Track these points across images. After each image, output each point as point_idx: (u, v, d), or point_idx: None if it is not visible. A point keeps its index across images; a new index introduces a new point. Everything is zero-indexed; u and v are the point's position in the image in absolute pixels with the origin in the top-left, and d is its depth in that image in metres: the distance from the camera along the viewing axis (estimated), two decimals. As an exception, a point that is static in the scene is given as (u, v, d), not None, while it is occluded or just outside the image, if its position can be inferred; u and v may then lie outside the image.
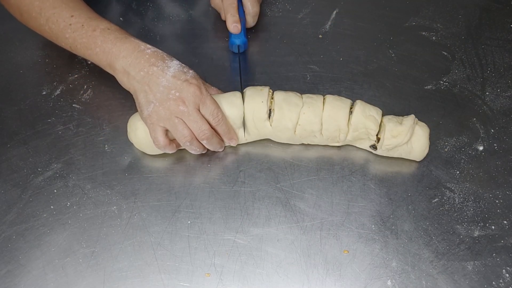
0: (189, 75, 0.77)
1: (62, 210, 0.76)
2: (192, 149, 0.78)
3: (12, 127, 0.84)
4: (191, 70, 0.78)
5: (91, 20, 0.80)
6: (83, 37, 0.79)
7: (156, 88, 0.75)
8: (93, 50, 0.79)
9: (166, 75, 0.75)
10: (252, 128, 0.80)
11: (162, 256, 0.73)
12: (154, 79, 0.75)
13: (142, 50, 0.77)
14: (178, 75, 0.75)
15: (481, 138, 0.86)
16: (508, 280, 0.72)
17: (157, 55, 0.77)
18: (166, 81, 0.75)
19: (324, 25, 1.00)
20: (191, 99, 0.74)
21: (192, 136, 0.76)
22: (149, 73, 0.75)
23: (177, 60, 0.78)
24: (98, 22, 0.80)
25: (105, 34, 0.79)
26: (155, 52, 0.78)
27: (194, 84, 0.75)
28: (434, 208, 0.78)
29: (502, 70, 0.95)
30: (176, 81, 0.75)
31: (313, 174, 0.81)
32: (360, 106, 0.79)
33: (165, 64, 0.76)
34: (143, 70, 0.75)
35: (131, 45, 0.77)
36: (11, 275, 0.71)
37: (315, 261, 0.73)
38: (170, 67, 0.76)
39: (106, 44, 0.78)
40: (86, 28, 0.79)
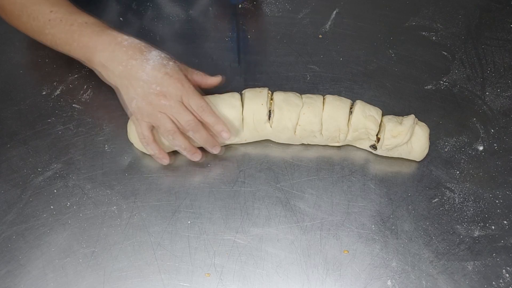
0: (169, 67, 0.75)
1: (62, 210, 0.76)
2: (177, 145, 0.77)
3: (12, 127, 0.84)
4: (171, 61, 0.76)
5: (69, 15, 0.79)
6: (61, 32, 0.78)
7: (136, 83, 0.73)
8: (71, 45, 0.78)
9: (145, 69, 0.73)
10: (252, 130, 0.80)
11: (162, 256, 0.73)
12: (134, 73, 0.73)
13: (119, 43, 0.75)
14: (157, 68, 0.74)
15: (481, 138, 0.86)
16: (508, 280, 0.72)
17: (134, 47, 0.75)
18: (146, 75, 0.73)
19: (324, 25, 1.00)
20: (172, 92, 0.73)
21: (175, 129, 0.75)
22: (127, 67, 0.74)
23: (156, 51, 0.76)
24: (76, 16, 0.79)
25: (82, 28, 0.77)
26: (132, 43, 0.76)
27: (175, 76, 0.74)
28: (434, 208, 0.78)
29: (502, 70, 0.95)
30: (156, 75, 0.73)
31: (313, 174, 0.81)
32: (360, 106, 0.79)
33: (144, 56, 0.74)
34: (122, 64, 0.74)
35: (108, 38, 0.76)
36: (11, 275, 0.71)
37: (315, 261, 0.73)
38: (149, 60, 0.74)
39: (83, 38, 0.77)
40: (64, 23, 0.78)
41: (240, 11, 1.01)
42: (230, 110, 0.78)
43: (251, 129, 0.80)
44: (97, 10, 0.99)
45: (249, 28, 0.98)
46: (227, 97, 0.79)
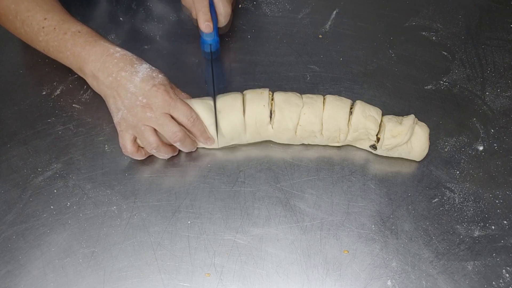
0: (157, 80, 0.75)
1: (62, 210, 0.76)
2: (160, 155, 0.79)
3: (12, 127, 0.84)
4: (160, 74, 0.77)
5: (63, 23, 0.79)
6: (54, 40, 0.79)
7: (124, 94, 0.74)
8: (64, 54, 0.79)
9: (134, 81, 0.74)
10: (254, 132, 0.80)
11: (162, 256, 0.73)
12: (123, 85, 0.74)
13: (111, 54, 0.76)
14: (146, 80, 0.74)
15: (481, 138, 0.86)
16: (508, 280, 0.72)
17: (125, 59, 0.76)
18: (134, 87, 0.74)
19: (324, 25, 1.00)
20: (159, 104, 0.73)
21: (159, 143, 0.76)
22: (117, 79, 0.75)
23: (147, 64, 0.77)
24: (70, 25, 0.79)
25: (75, 37, 0.78)
26: (124, 55, 0.76)
27: (162, 89, 0.74)
28: (434, 208, 0.78)
29: (502, 70, 0.95)
30: (144, 87, 0.74)
31: (313, 174, 0.81)
32: (360, 107, 0.79)
33: (134, 68, 0.75)
34: (112, 75, 0.75)
35: (100, 48, 0.77)
36: (11, 275, 0.71)
37: (315, 261, 0.73)
38: (139, 72, 0.75)
39: (76, 48, 0.78)
40: (58, 31, 0.79)
41: (240, 11, 1.01)
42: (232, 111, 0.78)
43: (253, 131, 0.80)
44: (98, 11, 0.99)
45: (249, 28, 0.98)
46: (229, 99, 0.79)
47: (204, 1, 0.86)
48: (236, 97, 0.79)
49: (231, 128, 0.78)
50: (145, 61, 0.78)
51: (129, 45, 0.94)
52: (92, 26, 0.95)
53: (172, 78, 0.89)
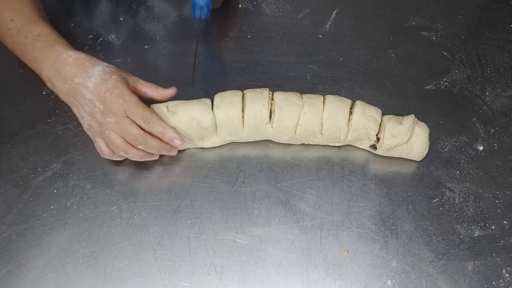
0: (110, 82, 0.73)
1: (62, 210, 0.76)
2: (132, 157, 0.77)
3: (12, 127, 0.84)
4: (114, 75, 0.74)
5: (26, 25, 0.78)
6: (18, 43, 0.78)
7: (83, 101, 0.73)
8: (26, 58, 0.78)
9: (88, 87, 0.73)
10: (253, 131, 0.80)
11: (162, 256, 0.73)
12: (79, 92, 0.73)
13: (64, 60, 0.74)
14: (99, 85, 0.73)
15: (481, 138, 0.86)
16: (508, 280, 0.72)
17: (78, 64, 0.74)
18: (89, 93, 0.73)
19: (324, 25, 1.00)
20: (115, 108, 0.72)
21: (125, 145, 0.74)
22: (72, 86, 0.74)
23: (100, 65, 0.75)
24: (32, 28, 0.78)
25: (34, 41, 0.77)
26: (77, 60, 0.74)
27: (115, 92, 0.72)
28: (434, 208, 0.78)
29: (502, 70, 0.95)
30: (98, 92, 0.72)
31: (313, 174, 0.81)
32: (360, 107, 0.79)
33: (86, 73, 0.73)
34: (67, 82, 0.74)
35: (54, 54, 0.75)
36: (11, 275, 0.71)
37: (315, 261, 0.73)
38: (91, 77, 0.73)
39: (34, 53, 0.76)
40: (20, 34, 0.77)
41: (240, 11, 1.01)
42: (231, 108, 0.78)
43: (252, 130, 0.80)
44: (98, 11, 0.99)
45: (249, 28, 0.98)
46: (229, 94, 0.79)
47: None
48: (235, 94, 0.79)
49: (228, 123, 0.78)
50: (100, 61, 0.76)
51: (129, 45, 0.94)
52: (92, 26, 0.96)
53: (172, 78, 0.90)
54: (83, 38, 0.94)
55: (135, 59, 0.92)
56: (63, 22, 0.96)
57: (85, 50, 0.79)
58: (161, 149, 0.76)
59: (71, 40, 0.80)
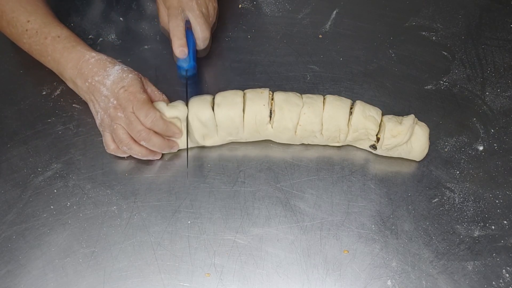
0: (126, 80, 0.77)
1: (62, 210, 0.76)
2: (134, 154, 0.78)
3: (12, 127, 0.84)
4: (130, 74, 0.78)
5: (45, 26, 0.81)
6: (37, 44, 0.81)
7: (99, 97, 0.77)
8: (46, 58, 0.81)
9: (106, 84, 0.77)
10: (253, 131, 0.80)
11: (162, 256, 0.73)
12: (97, 89, 0.77)
13: (87, 60, 0.78)
14: (116, 83, 0.76)
15: (481, 138, 0.86)
16: (508, 280, 0.72)
17: (99, 64, 0.78)
18: (106, 90, 0.76)
19: (324, 25, 1.00)
20: (126, 104, 0.75)
21: (129, 140, 0.76)
22: (92, 84, 0.77)
23: (120, 65, 0.79)
24: (51, 29, 0.81)
25: (55, 43, 0.80)
26: (98, 60, 0.79)
27: (129, 90, 0.76)
28: (434, 208, 0.78)
29: (502, 70, 0.95)
30: (114, 89, 0.76)
31: (313, 174, 0.81)
32: (359, 107, 0.79)
33: (106, 72, 0.77)
34: (88, 81, 0.78)
35: (77, 55, 0.79)
36: (11, 275, 0.71)
37: (315, 261, 0.73)
38: (110, 75, 0.77)
39: (55, 54, 0.80)
40: (39, 36, 0.80)
41: (240, 11, 1.01)
42: (233, 108, 0.78)
43: (252, 130, 0.80)
44: (98, 10, 0.99)
45: (249, 28, 0.98)
46: (230, 94, 0.79)
47: (179, 25, 0.82)
48: (237, 94, 0.80)
49: (229, 123, 0.78)
50: (119, 63, 0.80)
51: (129, 45, 0.94)
52: (92, 26, 0.96)
53: (172, 78, 0.90)
54: (83, 38, 0.93)
55: (135, 59, 0.92)
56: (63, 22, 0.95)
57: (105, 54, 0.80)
58: (162, 146, 0.78)
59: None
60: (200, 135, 0.80)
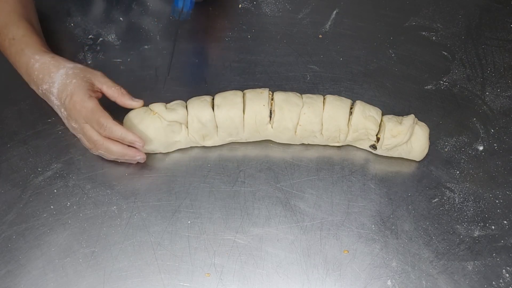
0: (69, 89, 0.72)
1: (62, 210, 0.76)
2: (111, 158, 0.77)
3: (12, 127, 0.84)
4: (74, 79, 0.73)
5: (4, 28, 0.77)
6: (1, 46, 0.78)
7: (54, 106, 0.75)
8: (9, 61, 0.78)
9: (53, 93, 0.73)
10: (253, 131, 0.80)
11: (162, 256, 0.73)
12: (48, 98, 0.75)
13: (32, 66, 0.74)
14: (61, 91, 0.72)
15: (481, 138, 0.86)
16: (508, 280, 0.72)
17: (44, 69, 0.73)
18: (55, 99, 0.73)
19: (324, 25, 1.00)
20: (75, 114, 0.72)
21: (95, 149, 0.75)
22: (43, 92, 0.75)
23: (64, 68, 0.74)
24: (9, 30, 0.76)
25: (10, 46, 0.76)
26: (42, 65, 0.74)
27: (74, 98, 0.72)
28: (434, 208, 0.78)
29: (502, 70, 0.95)
30: (61, 99, 0.73)
31: (313, 174, 0.81)
32: (360, 107, 0.79)
33: (51, 79, 0.73)
34: (38, 89, 0.75)
35: (25, 59, 0.74)
36: (11, 275, 0.71)
37: (315, 261, 0.73)
38: (55, 82, 0.73)
39: (11, 59, 0.77)
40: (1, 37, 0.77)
41: (240, 11, 1.01)
42: (233, 108, 0.78)
43: (252, 130, 0.80)
44: (98, 10, 0.99)
45: (249, 28, 0.98)
46: (230, 95, 0.79)
47: None
48: (236, 94, 0.79)
49: (229, 123, 0.78)
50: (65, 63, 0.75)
51: (129, 45, 0.94)
52: (92, 26, 0.96)
53: (172, 78, 0.90)
54: (83, 38, 0.94)
55: (135, 59, 0.92)
56: (63, 22, 0.96)
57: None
58: (124, 155, 0.75)
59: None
60: (200, 135, 0.80)
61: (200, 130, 0.79)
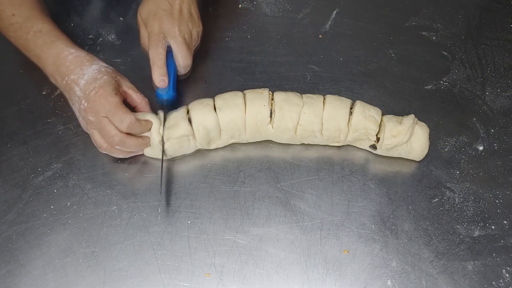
0: (99, 82, 0.74)
1: (62, 210, 0.76)
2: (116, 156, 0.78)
3: (12, 127, 0.84)
4: (105, 76, 0.75)
5: (27, 21, 0.79)
6: (20, 38, 0.79)
7: (74, 98, 0.75)
8: (29, 53, 0.80)
9: (79, 84, 0.74)
10: (254, 132, 0.80)
11: (162, 256, 0.73)
12: (72, 88, 0.75)
13: (65, 57, 0.76)
14: (89, 83, 0.74)
15: (481, 138, 0.86)
16: (508, 280, 0.72)
17: (77, 61, 0.76)
18: (79, 90, 0.74)
19: (324, 25, 1.00)
20: (97, 108, 0.73)
21: (107, 145, 0.75)
22: (68, 82, 0.75)
23: (98, 64, 0.76)
24: (33, 23, 0.78)
25: (36, 38, 0.78)
26: (77, 57, 0.76)
27: (100, 92, 0.73)
28: (434, 208, 0.78)
29: (502, 70, 0.95)
30: (86, 91, 0.74)
31: (313, 174, 0.81)
32: (360, 107, 0.79)
33: (82, 71, 0.75)
34: (65, 79, 0.76)
35: (55, 51, 0.77)
36: (11, 275, 0.71)
37: (315, 261, 0.73)
38: (85, 75, 0.74)
39: (36, 50, 0.78)
40: (22, 30, 0.78)
41: (240, 11, 1.01)
42: (235, 110, 0.78)
43: (253, 130, 0.80)
44: (98, 10, 0.99)
45: (249, 28, 0.99)
46: (231, 96, 0.79)
47: (160, 53, 0.79)
48: (237, 95, 0.79)
49: (232, 125, 0.78)
50: (99, 61, 0.77)
51: (129, 45, 0.94)
52: (92, 26, 0.96)
53: (172, 78, 0.90)
54: (83, 38, 0.94)
55: (135, 59, 0.92)
56: (63, 22, 0.96)
57: (85, 50, 0.79)
58: (139, 146, 0.78)
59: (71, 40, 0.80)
60: (206, 142, 0.80)
61: (206, 136, 0.79)
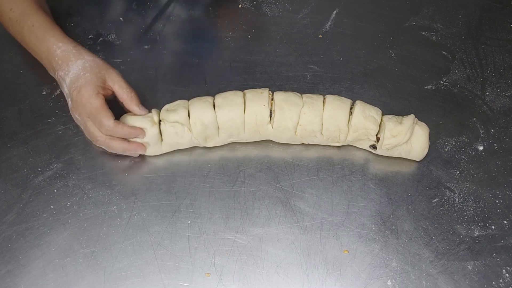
0: (81, 80, 0.73)
1: (62, 210, 0.76)
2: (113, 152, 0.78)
3: (12, 127, 0.84)
4: (88, 73, 0.74)
5: (23, 15, 0.79)
6: (17, 33, 0.80)
7: (64, 94, 0.76)
8: (27, 47, 0.81)
9: (66, 82, 0.74)
10: (254, 131, 0.80)
11: (162, 256, 0.73)
12: (61, 85, 0.76)
13: (53, 52, 0.76)
14: (72, 82, 0.74)
15: (481, 138, 0.86)
16: (508, 280, 0.72)
17: (64, 57, 0.75)
18: (66, 88, 0.75)
19: (324, 25, 1.00)
20: (79, 108, 0.73)
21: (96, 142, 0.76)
22: (58, 78, 0.76)
23: (83, 59, 0.75)
24: (28, 18, 0.79)
25: (30, 33, 0.78)
26: (63, 52, 0.76)
27: (81, 92, 0.72)
28: (434, 208, 0.78)
29: (502, 70, 0.95)
30: (70, 88, 0.74)
31: (313, 174, 0.81)
32: (360, 107, 0.79)
33: (67, 68, 0.75)
34: (55, 74, 0.77)
35: (46, 45, 0.77)
36: (11, 275, 0.71)
37: (315, 261, 0.73)
38: (70, 71, 0.74)
39: (30, 45, 0.79)
40: (18, 25, 0.79)
41: (240, 11, 1.01)
42: (234, 109, 0.78)
43: (253, 130, 0.80)
44: (98, 10, 0.99)
45: (249, 28, 0.99)
46: (230, 95, 0.79)
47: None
48: (237, 94, 0.79)
49: (231, 124, 0.78)
50: (85, 55, 0.76)
51: (129, 45, 0.94)
52: (92, 26, 0.96)
53: (172, 78, 0.90)
54: (83, 38, 0.94)
55: (135, 59, 0.92)
56: (63, 22, 0.96)
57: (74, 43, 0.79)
58: (126, 149, 0.77)
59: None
60: (203, 137, 0.80)
61: (203, 132, 0.79)
